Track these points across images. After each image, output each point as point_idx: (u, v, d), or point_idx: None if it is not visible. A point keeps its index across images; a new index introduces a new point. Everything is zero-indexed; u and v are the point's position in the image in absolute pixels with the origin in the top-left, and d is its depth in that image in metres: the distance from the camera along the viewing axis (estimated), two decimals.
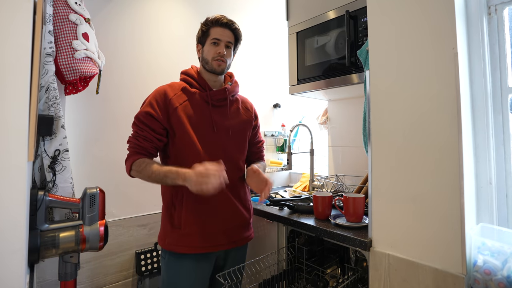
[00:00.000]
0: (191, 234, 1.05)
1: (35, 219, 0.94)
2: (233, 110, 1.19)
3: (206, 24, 1.13)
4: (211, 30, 1.12)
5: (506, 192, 0.90)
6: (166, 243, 1.08)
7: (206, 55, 1.13)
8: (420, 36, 0.87)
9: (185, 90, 1.11)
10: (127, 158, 1.06)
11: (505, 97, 0.90)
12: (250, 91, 2.07)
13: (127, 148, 1.07)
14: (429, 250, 0.84)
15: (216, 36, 1.11)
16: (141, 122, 1.05)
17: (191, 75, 1.15)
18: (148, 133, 1.04)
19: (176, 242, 1.06)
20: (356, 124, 1.73)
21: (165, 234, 1.10)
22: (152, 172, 1.00)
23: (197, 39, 1.18)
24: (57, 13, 1.17)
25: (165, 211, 1.13)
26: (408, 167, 0.89)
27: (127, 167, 1.06)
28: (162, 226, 1.14)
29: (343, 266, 1.35)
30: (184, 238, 1.06)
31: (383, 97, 0.96)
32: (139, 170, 1.02)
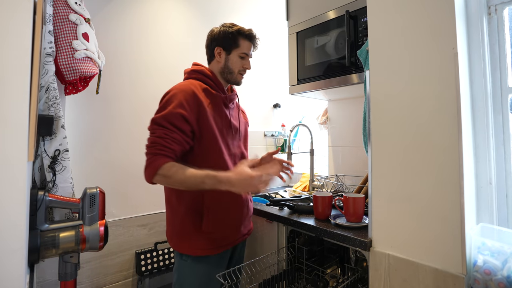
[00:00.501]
0: (218, 236, 1.07)
1: (35, 219, 0.94)
2: (238, 113, 1.26)
3: (238, 33, 1.13)
4: (241, 41, 1.14)
5: (506, 192, 0.90)
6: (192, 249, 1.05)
7: (232, 65, 1.14)
8: (420, 36, 0.87)
9: (207, 92, 1.10)
10: (152, 161, 0.93)
11: (505, 97, 0.90)
12: (250, 91, 2.07)
13: (149, 151, 0.95)
14: (429, 250, 0.84)
15: (246, 51, 1.15)
16: (171, 123, 0.96)
17: (209, 76, 1.13)
18: (178, 135, 0.97)
19: (204, 246, 1.05)
20: (356, 124, 1.73)
21: (190, 240, 1.05)
22: (187, 177, 0.93)
23: (220, 41, 1.14)
24: (57, 13, 1.17)
25: (186, 216, 1.06)
26: (408, 167, 0.89)
27: (151, 172, 0.93)
28: (183, 232, 1.07)
29: (343, 266, 1.35)
30: (211, 241, 1.06)
31: (383, 97, 0.96)
32: (168, 175, 0.93)
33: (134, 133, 1.56)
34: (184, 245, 1.07)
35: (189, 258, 1.07)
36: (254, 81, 2.12)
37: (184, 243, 1.07)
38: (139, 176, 1.54)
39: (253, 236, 1.46)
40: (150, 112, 1.58)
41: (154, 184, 0.98)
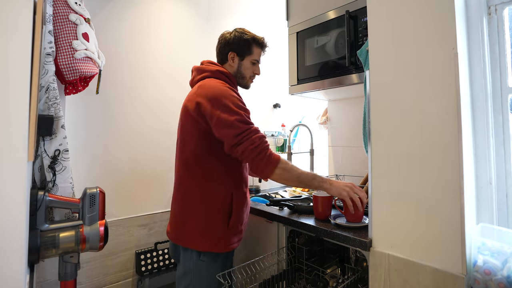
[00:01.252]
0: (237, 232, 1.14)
1: (35, 219, 0.94)
2: None
3: (253, 40, 1.21)
4: (254, 49, 1.21)
5: (506, 192, 0.90)
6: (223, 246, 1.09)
7: (244, 70, 1.23)
8: (420, 36, 0.87)
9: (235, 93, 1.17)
10: (270, 155, 1.02)
11: (505, 97, 0.90)
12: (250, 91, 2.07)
13: (262, 145, 1.01)
14: (429, 250, 0.84)
15: (257, 57, 1.24)
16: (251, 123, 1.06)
17: (232, 80, 1.22)
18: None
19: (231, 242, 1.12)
20: (356, 124, 1.73)
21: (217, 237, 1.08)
22: (301, 172, 1.05)
23: (234, 47, 1.20)
24: (57, 13, 1.17)
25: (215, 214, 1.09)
26: (408, 167, 0.89)
27: (273, 165, 1.01)
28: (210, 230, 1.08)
29: (343, 266, 1.35)
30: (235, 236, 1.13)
31: (383, 97, 0.96)
32: (287, 168, 1.03)
33: (134, 133, 1.56)
34: (209, 243, 1.07)
35: (206, 257, 1.06)
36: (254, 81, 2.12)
37: (209, 241, 1.07)
38: (139, 176, 1.55)
39: (253, 236, 1.46)
40: (150, 112, 1.60)
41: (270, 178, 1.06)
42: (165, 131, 1.65)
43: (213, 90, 1.07)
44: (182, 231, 1.10)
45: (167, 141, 1.64)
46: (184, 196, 1.12)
